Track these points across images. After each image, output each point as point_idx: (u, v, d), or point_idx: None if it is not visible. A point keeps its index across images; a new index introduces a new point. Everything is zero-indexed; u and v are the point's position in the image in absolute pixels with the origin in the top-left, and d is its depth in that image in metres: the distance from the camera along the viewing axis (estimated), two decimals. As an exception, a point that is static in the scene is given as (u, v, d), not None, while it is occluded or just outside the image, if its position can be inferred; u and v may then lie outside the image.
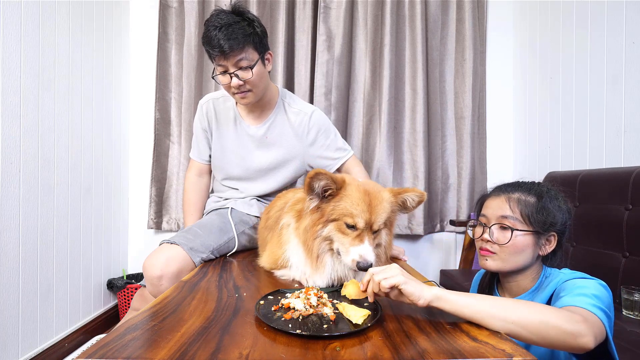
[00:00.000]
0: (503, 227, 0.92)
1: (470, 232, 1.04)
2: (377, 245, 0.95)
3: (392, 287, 0.72)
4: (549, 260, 0.95)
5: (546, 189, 0.96)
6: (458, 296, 0.70)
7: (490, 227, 0.94)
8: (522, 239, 0.91)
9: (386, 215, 0.93)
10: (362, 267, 0.85)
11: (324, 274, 0.93)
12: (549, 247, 0.93)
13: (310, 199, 0.94)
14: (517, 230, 0.90)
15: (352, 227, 0.90)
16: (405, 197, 0.97)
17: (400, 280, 0.71)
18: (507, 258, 0.92)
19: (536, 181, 1.00)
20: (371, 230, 0.91)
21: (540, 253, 0.93)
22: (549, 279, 0.91)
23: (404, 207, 0.99)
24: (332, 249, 0.93)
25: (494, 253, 0.93)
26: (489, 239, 0.94)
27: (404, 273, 0.73)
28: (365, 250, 0.87)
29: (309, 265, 0.94)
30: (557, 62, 1.99)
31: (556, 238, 0.93)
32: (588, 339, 0.65)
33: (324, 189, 0.92)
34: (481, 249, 0.96)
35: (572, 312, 0.68)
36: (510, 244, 0.90)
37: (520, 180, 1.00)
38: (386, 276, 0.72)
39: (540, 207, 0.91)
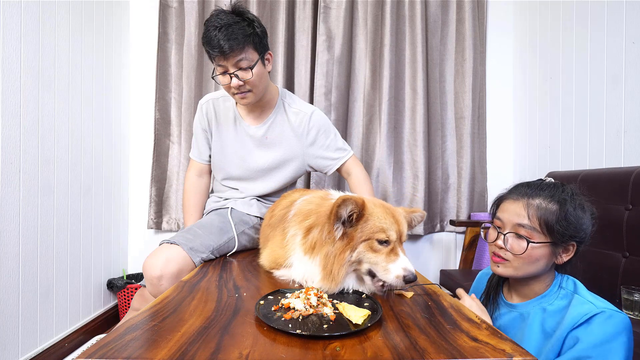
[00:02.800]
0: (519, 236, 0.87)
1: (482, 234, 1.00)
2: None
3: None
4: (561, 267, 0.91)
5: (570, 193, 0.88)
6: None
7: (505, 235, 0.89)
8: (539, 251, 0.85)
9: (407, 227, 0.94)
10: (409, 280, 0.83)
11: (335, 291, 0.89)
12: (566, 257, 0.88)
13: (337, 228, 0.90)
14: (534, 242, 0.85)
15: (384, 242, 0.87)
16: (412, 216, 1.01)
17: None
18: (520, 267, 0.88)
19: (560, 183, 0.92)
20: (400, 241, 0.90)
21: (557, 262, 0.88)
22: (564, 293, 0.86)
23: (409, 226, 1.01)
24: (356, 270, 0.89)
25: (506, 260, 0.89)
26: (503, 246, 0.89)
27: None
28: (407, 263, 0.86)
29: (319, 282, 0.90)
30: (557, 62, 1.99)
31: (575, 247, 0.87)
32: None
33: (350, 215, 0.89)
34: (494, 254, 0.92)
35: None
36: (525, 255, 0.86)
37: (544, 182, 0.92)
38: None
39: (562, 217, 0.84)
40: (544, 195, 0.87)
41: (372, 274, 0.88)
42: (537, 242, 0.85)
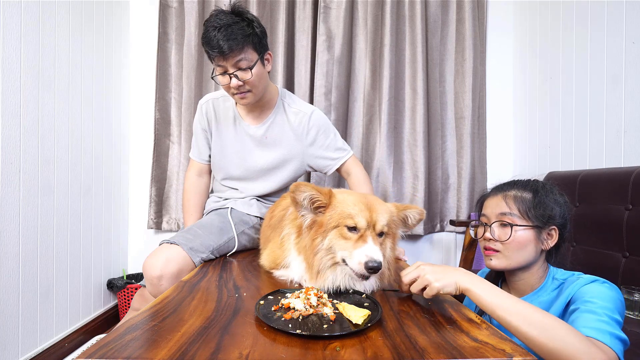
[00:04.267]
0: (503, 224, 0.95)
1: (472, 232, 1.06)
2: None
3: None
4: (553, 257, 0.97)
5: (541, 184, 0.98)
6: (486, 293, 0.74)
7: (490, 226, 0.96)
8: (523, 234, 0.92)
9: (388, 217, 0.90)
10: (372, 267, 0.79)
11: (324, 288, 0.88)
12: (552, 242, 0.95)
13: (302, 215, 0.92)
14: (517, 225, 0.92)
15: (354, 229, 0.86)
16: (407, 212, 0.96)
17: (439, 287, 0.77)
18: (511, 255, 0.93)
19: (531, 178, 1.02)
20: (374, 230, 0.87)
21: (543, 248, 0.94)
22: (564, 283, 0.90)
23: (405, 224, 0.98)
24: (336, 262, 0.87)
25: (497, 251, 0.95)
26: (491, 237, 0.95)
27: (434, 272, 0.78)
28: (370, 249, 0.82)
29: (309, 281, 0.91)
30: (557, 62, 1.99)
31: (557, 232, 0.94)
32: None
33: (312, 201, 0.89)
34: (485, 248, 0.98)
35: (596, 347, 0.67)
36: (512, 240, 0.92)
37: (516, 179, 1.02)
38: (420, 285, 0.79)
39: (537, 201, 0.93)
40: (518, 187, 0.98)
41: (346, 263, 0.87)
42: (519, 225, 0.93)
